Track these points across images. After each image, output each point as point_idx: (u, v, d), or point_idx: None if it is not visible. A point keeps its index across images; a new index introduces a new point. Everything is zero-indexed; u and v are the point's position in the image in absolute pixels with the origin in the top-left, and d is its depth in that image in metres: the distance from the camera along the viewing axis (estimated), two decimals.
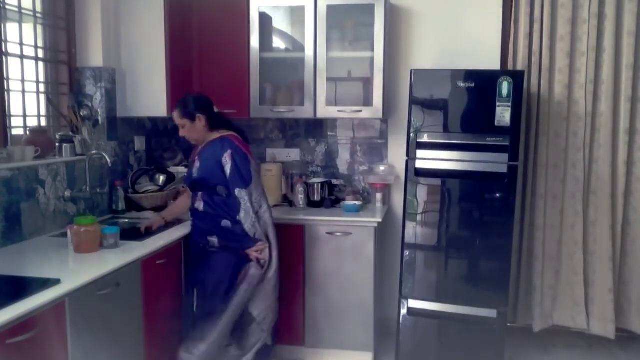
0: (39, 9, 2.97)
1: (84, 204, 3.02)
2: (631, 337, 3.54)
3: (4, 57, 2.69)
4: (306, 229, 3.23)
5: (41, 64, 3.03)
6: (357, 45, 3.45)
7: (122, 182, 3.33)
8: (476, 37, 3.47)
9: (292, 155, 3.78)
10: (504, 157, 3.00)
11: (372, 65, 3.33)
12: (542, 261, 3.48)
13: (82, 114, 3.06)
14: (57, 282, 1.93)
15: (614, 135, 3.37)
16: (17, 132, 2.83)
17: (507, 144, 2.98)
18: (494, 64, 3.47)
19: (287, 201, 3.57)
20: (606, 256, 3.40)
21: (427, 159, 3.10)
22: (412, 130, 3.10)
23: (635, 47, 3.29)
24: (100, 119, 3.21)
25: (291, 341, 3.30)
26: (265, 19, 3.50)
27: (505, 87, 2.97)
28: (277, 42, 3.73)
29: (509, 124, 2.97)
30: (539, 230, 3.46)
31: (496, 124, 2.99)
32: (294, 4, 3.50)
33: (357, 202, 3.41)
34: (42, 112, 3.06)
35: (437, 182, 3.14)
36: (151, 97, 3.29)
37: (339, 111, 3.39)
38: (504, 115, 2.98)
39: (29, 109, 2.94)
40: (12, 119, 2.78)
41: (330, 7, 3.30)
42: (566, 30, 3.33)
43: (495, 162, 3.01)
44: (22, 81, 2.86)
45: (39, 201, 2.69)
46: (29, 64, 2.93)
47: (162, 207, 3.37)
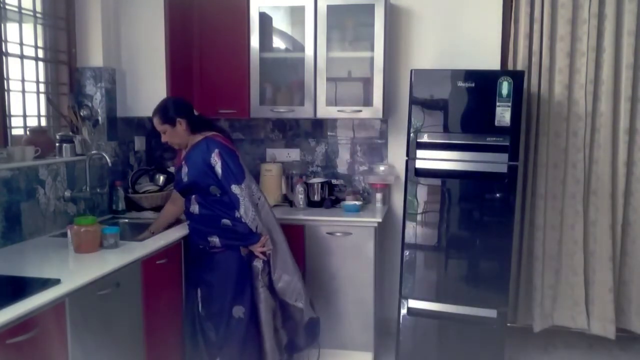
0: (39, 9, 2.97)
1: (84, 204, 3.02)
2: (631, 337, 3.54)
3: (4, 57, 2.69)
4: (306, 229, 3.23)
5: (41, 64, 3.03)
6: (357, 45, 3.45)
7: (122, 182, 3.33)
8: (476, 37, 3.47)
9: (292, 155, 3.78)
10: (504, 157, 3.00)
11: (372, 65, 3.33)
12: (542, 261, 3.48)
13: (82, 114, 3.06)
14: (57, 282, 1.93)
15: (614, 135, 3.37)
16: (17, 132, 2.83)
17: (507, 144, 2.98)
18: (494, 64, 3.47)
19: (287, 201, 3.57)
20: (606, 256, 3.40)
21: (427, 159, 3.10)
22: (412, 130, 3.10)
23: (635, 47, 3.29)
24: (100, 119, 3.21)
25: None
26: (265, 19, 3.50)
27: (505, 87, 2.97)
28: (277, 42, 3.73)
29: (509, 124, 2.97)
30: (539, 230, 3.46)
31: (496, 124, 2.99)
32: (294, 4, 3.50)
33: (357, 202, 3.41)
34: (42, 112, 3.06)
35: (437, 182, 3.14)
36: (151, 97, 3.26)
37: (339, 111, 3.39)
38: (504, 115, 2.98)
39: (29, 109, 2.94)
40: (12, 119, 2.78)
41: (330, 7, 3.30)
42: (566, 30, 3.33)
43: (495, 162, 3.01)
44: (22, 81, 2.86)
45: (39, 201, 2.69)
46: (29, 64, 2.93)
47: (162, 207, 3.37)
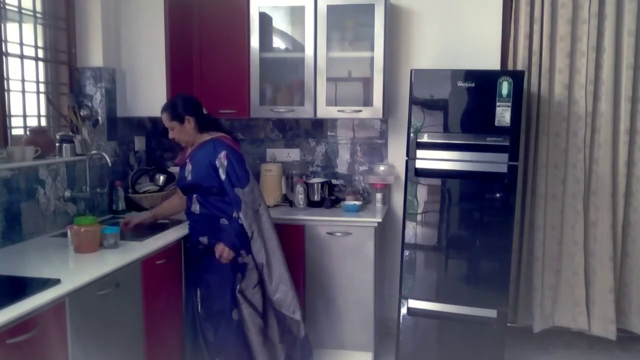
0: (39, 9, 2.97)
1: (84, 204, 3.02)
2: (631, 338, 3.54)
3: (4, 57, 2.69)
4: (306, 229, 3.23)
5: (41, 64, 3.03)
6: (357, 45, 3.45)
7: (122, 182, 3.33)
8: (476, 37, 3.47)
9: (292, 155, 3.78)
10: (504, 157, 3.00)
11: (372, 65, 3.33)
12: (542, 261, 3.47)
13: (82, 114, 3.06)
14: (57, 282, 1.94)
15: (614, 135, 3.37)
16: (17, 132, 2.83)
17: (507, 144, 2.98)
18: (494, 64, 3.47)
19: (287, 201, 3.57)
20: (607, 256, 3.40)
21: (427, 159, 3.10)
22: (412, 130, 3.10)
23: (635, 47, 3.29)
24: (100, 119, 3.21)
25: None
26: (265, 19, 3.50)
27: (505, 87, 2.97)
28: (277, 42, 3.73)
29: (509, 124, 2.97)
30: (539, 230, 3.46)
31: (496, 124, 2.99)
32: (294, 4, 3.50)
33: (357, 202, 3.40)
34: (42, 112, 3.07)
35: (437, 182, 3.14)
36: (151, 97, 3.28)
37: (339, 111, 3.39)
38: (504, 115, 2.98)
39: (29, 109, 2.94)
40: (12, 119, 2.79)
41: (330, 7, 3.30)
42: (566, 30, 3.33)
43: (495, 162, 3.01)
44: (22, 81, 2.86)
45: (39, 201, 2.69)
46: (29, 64, 2.93)
47: None
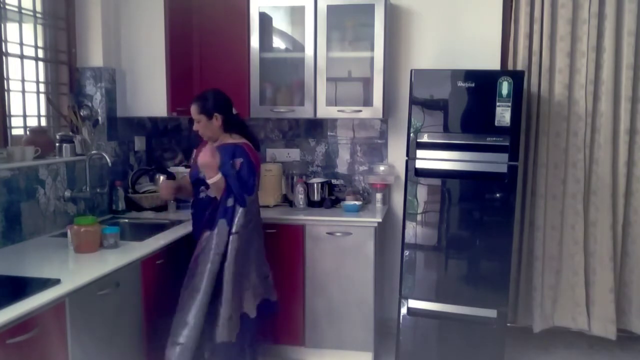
0: (39, 9, 2.97)
1: (84, 204, 3.02)
2: (631, 338, 3.54)
3: (4, 57, 2.69)
4: (306, 229, 3.22)
5: (41, 64, 3.03)
6: (357, 45, 3.45)
7: (122, 182, 3.33)
8: (476, 37, 3.47)
9: (292, 155, 3.78)
10: (504, 157, 2.99)
11: (372, 65, 3.33)
12: (542, 261, 3.47)
13: (82, 114, 3.06)
14: (57, 282, 1.94)
15: (614, 135, 3.37)
16: (17, 132, 2.84)
17: (507, 144, 2.98)
18: (494, 64, 3.47)
19: (287, 201, 3.57)
20: (607, 256, 3.40)
21: (427, 159, 3.10)
22: (412, 130, 3.10)
23: (635, 47, 3.29)
24: (100, 119, 3.21)
25: (291, 341, 3.30)
26: (265, 19, 3.50)
27: (505, 87, 2.96)
28: (277, 42, 3.73)
29: (509, 124, 2.97)
30: (539, 230, 3.45)
31: (496, 124, 2.98)
32: (294, 4, 3.50)
33: (357, 202, 3.40)
34: (42, 112, 3.07)
35: (437, 182, 3.14)
36: (151, 97, 3.29)
37: (339, 111, 3.39)
38: (504, 115, 2.98)
39: (29, 109, 2.94)
40: (12, 119, 2.79)
41: (330, 7, 3.30)
42: (566, 30, 3.33)
43: (495, 162, 3.01)
44: (22, 81, 2.86)
45: (39, 201, 2.69)
46: (29, 64, 2.93)
47: (162, 207, 3.38)
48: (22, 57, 2.86)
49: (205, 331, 2.62)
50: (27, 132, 2.85)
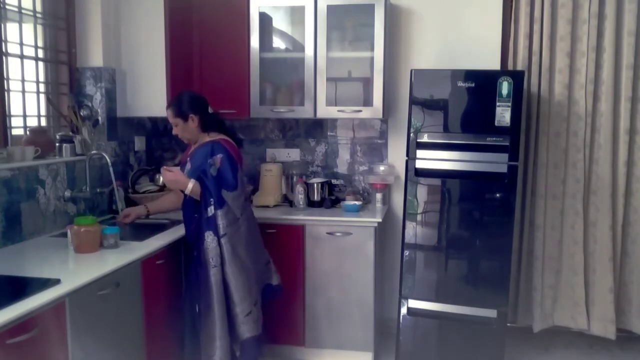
0: (39, 9, 2.97)
1: (84, 204, 3.02)
2: (631, 338, 3.54)
3: (4, 57, 2.69)
4: (306, 229, 3.23)
5: (41, 64, 3.03)
6: (357, 45, 3.45)
7: (122, 182, 3.33)
8: (476, 37, 3.47)
9: (292, 155, 3.78)
10: (504, 157, 2.99)
11: (372, 65, 3.33)
12: (542, 261, 3.48)
13: (82, 114, 3.06)
14: (57, 282, 1.94)
15: (614, 135, 3.37)
16: (17, 132, 2.83)
17: (507, 144, 2.98)
18: (494, 64, 3.47)
19: (287, 201, 3.57)
20: (606, 256, 3.40)
21: (427, 159, 3.10)
22: (412, 130, 3.10)
23: (635, 47, 3.29)
24: (100, 118, 3.21)
25: (291, 341, 3.30)
26: (265, 19, 3.50)
27: (505, 87, 2.97)
28: (277, 42, 3.73)
29: (509, 124, 2.97)
30: (539, 230, 3.46)
31: (496, 124, 2.99)
32: (294, 4, 3.50)
33: (357, 202, 3.40)
34: (42, 112, 3.07)
35: (437, 182, 3.14)
36: (151, 97, 3.29)
37: (339, 111, 3.39)
38: (504, 115, 2.98)
39: (29, 109, 2.94)
40: (12, 119, 2.79)
41: (330, 7, 3.30)
42: (566, 30, 3.33)
43: (495, 162, 3.01)
44: (22, 81, 2.86)
45: (39, 201, 2.69)
46: (29, 64, 2.93)
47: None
48: (22, 57, 2.86)
49: (230, 331, 2.67)
50: (27, 132, 2.85)
